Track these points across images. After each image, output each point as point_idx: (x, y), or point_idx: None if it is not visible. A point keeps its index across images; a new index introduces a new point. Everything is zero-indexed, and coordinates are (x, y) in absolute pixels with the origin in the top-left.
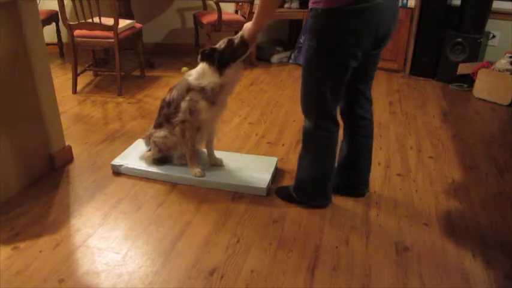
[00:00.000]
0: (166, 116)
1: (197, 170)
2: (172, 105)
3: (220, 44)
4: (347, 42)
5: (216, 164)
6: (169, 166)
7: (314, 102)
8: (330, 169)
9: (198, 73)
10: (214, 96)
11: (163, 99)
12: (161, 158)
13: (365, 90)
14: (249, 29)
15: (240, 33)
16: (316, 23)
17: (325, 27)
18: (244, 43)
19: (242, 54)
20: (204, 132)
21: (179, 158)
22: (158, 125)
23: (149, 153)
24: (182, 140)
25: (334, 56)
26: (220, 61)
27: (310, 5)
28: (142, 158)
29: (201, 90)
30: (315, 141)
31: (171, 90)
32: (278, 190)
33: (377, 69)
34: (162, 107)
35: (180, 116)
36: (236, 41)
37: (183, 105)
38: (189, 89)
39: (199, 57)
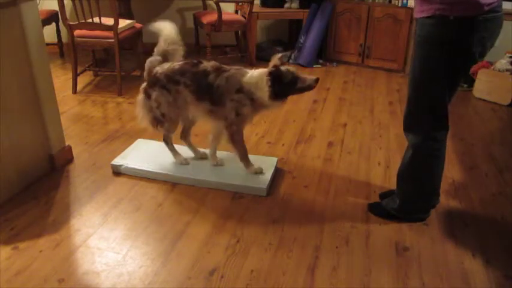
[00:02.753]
0: (200, 87)
1: (256, 167)
2: (213, 91)
3: (285, 76)
4: (474, 50)
5: (217, 164)
6: (169, 166)
7: (430, 113)
8: (439, 180)
9: (252, 82)
10: (259, 109)
11: (206, 70)
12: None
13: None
14: None
15: (308, 78)
16: (443, 31)
17: (455, 35)
18: (304, 89)
19: (297, 93)
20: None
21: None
22: (173, 77)
23: (145, 121)
24: (233, 144)
25: (458, 64)
26: (275, 92)
27: (432, 12)
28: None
29: (252, 99)
30: (426, 156)
31: (217, 69)
32: (372, 207)
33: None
34: (196, 73)
35: (228, 116)
36: (299, 85)
37: (229, 105)
38: (240, 90)
39: (267, 73)
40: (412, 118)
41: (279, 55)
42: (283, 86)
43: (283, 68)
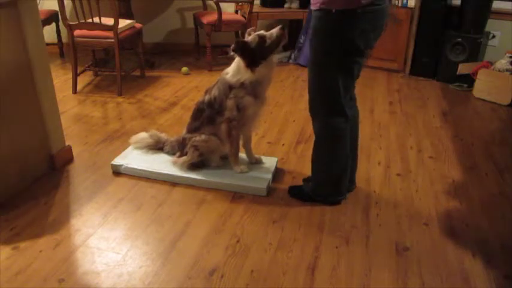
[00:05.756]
0: (209, 117)
1: (242, 167)
2: (216, 105)
3: (251, 41)
4: (358, 41)
5: (257, 162)
6: (169, 166)
7: (326, 101)
8: (345, 165)
9: (233, 70)
10: (254, 90)
11: (201, 102)
12: (199, 163)
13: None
14: None
15: (273, 31)
16: (327, 23)
17: (338, 27)
18: (276, 43)
19: (273, 51)
20: (247, 130)
21: (218, 160)
22: (195, 129)
23: (184, 158)
24: (227, 138)
25: (345, 54)
26: (251, 60)
27: (318, 6)
28: (175, 163)
29: (242, 86)
30: (328, 141)
31: (207, 91)
32: (291, 190)
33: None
34: (200, 110)
35: (227, 113)
36: (268, 41)
37: (229, 102)
38: (231, 87)
39: (231, 49)
40: (311, 105)
41: (250, 29)
42: (254, 51)
43: (249, 37)
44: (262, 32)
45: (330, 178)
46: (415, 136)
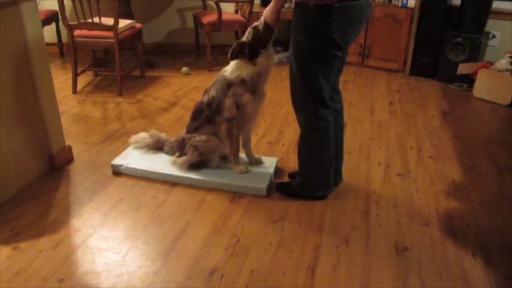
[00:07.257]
0: (208, 117)
1: (242, 167)
2: (214, 105)
3: (247, 36)
4: (335, 35)
5: (257, 162)
6: (169, 166)
7: (309, 94)
8: (331, 157)
9: (232, 67)
10: (254, 86)
11: (201, 102)
12: (199, 163)
13: (334, 82)
14: (269, 10)
15: (262, 18)
16: (306, 17)
17: (316, 21)
18: (268, 27)
19: (269, 38)
20: (247, 129)
21: (218, 160)
22: (195, 129)
23: (184, 158)
24: (227, 138)
25: (324, 48)
26: (252, 52)
27: None
28: (174, 163)
29: (242, 82)
30: (313, 134)
31: (206, 91)
32: (279, 186)
33: (345, 63)
34: (200, 111)
35: (226, 113)
36: (260, 28)
37: (227, 101)
38: (230, 84)
39: (229, 57)
40: (294, 98)
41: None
42: (252, 44)
43: (243, 39)
44: (255, 23)
45: (317, 171)
46: (415, 136)
